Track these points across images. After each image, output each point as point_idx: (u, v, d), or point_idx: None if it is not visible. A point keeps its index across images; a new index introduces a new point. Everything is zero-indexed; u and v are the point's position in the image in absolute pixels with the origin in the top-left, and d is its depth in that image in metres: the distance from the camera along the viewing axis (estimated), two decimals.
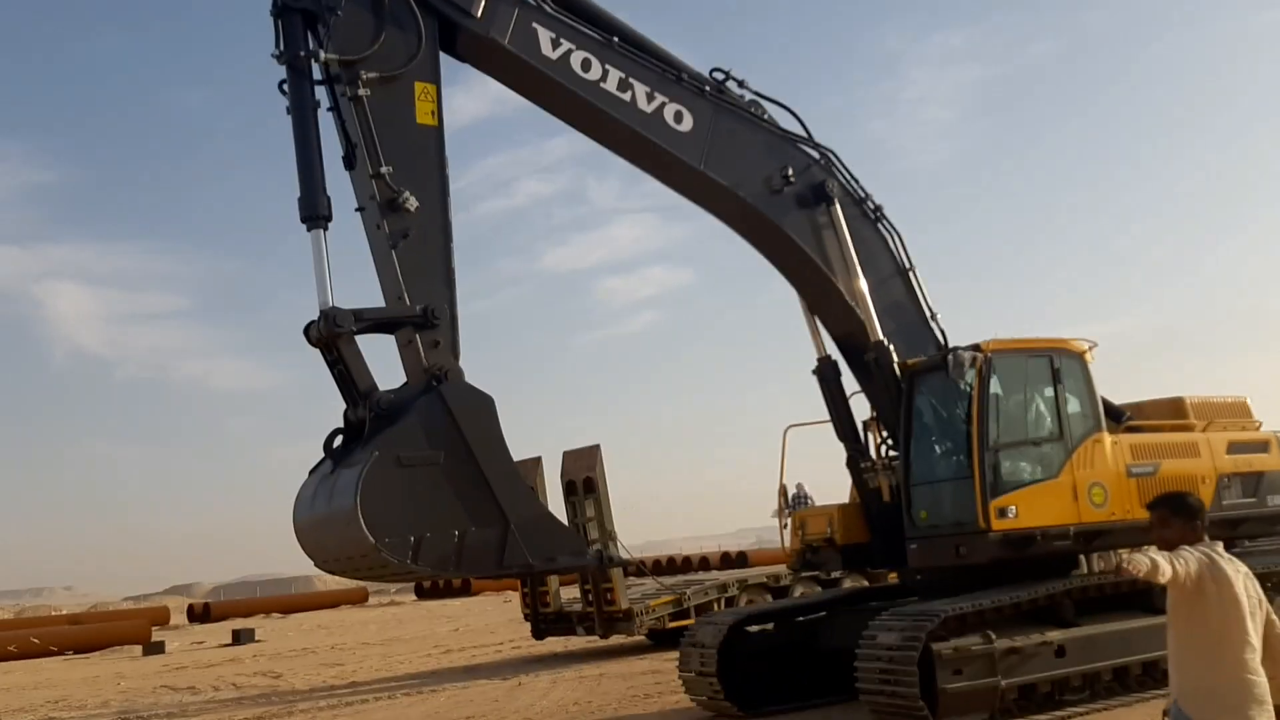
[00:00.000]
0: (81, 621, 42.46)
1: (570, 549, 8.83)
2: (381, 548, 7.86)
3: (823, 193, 11.73)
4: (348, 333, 8.41)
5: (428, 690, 16.83)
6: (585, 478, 17.01)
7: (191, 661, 26.68)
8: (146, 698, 19.24)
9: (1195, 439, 12.11)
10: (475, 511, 8.29)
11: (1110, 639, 10.70)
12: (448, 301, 8.99)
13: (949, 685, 9.59)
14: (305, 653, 26.79)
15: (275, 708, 16.25)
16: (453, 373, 8.72)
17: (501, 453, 8.53)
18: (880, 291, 12.09)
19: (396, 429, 8.24)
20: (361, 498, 7.83)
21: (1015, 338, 11.24)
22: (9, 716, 17.66)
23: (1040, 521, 10.58)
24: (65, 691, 21.29)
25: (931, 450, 11.43)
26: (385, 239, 8.89)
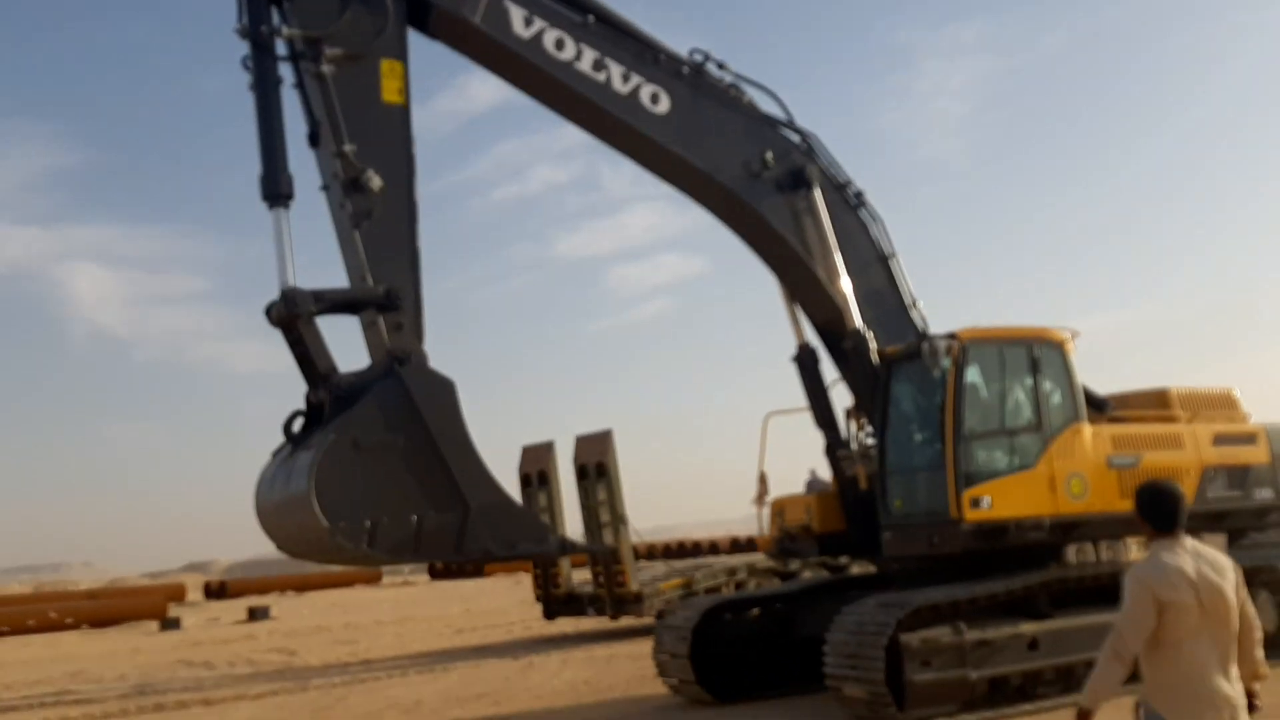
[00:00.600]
0: (99, 597, 42.39)
1: (532, 535, 8.72)
2: (336, 532, 7.78)
3: (802, 178, 11.56)
4: (307, 314, 8.32)
5: (440, 669, 16.95)
6: (597, 462, 17.11)
7: (208, 637, 26.96)
8: (163, 672, 19.43)
9: (1179, 430, 11.93)
10: (434, 496, 8.20)
11: (1084, 632, 10.51)
12: (411, 283, 8.88)
13: (917, 677, 9.47)
14: (320, 630, 27.04)
15: (290, 684, 16.40)
16: (415, 356, 8.61)
17: (462, 437, 8.43)
18: (859, 279, 11.94)
19: (354, 412, 8.15)
20: (316, 481, 7.76)
21: (993, 326, 11.08)
22: (27, 689, 17.81)
23: (1015, 512, 10.44)
24: (82, 665, 21.42)
25: (907, 439, 11.30)
26: (348, 219, 8.79)
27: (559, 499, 17.71)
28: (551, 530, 8.87)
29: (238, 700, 15.00)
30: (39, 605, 36.81)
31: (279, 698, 15.07)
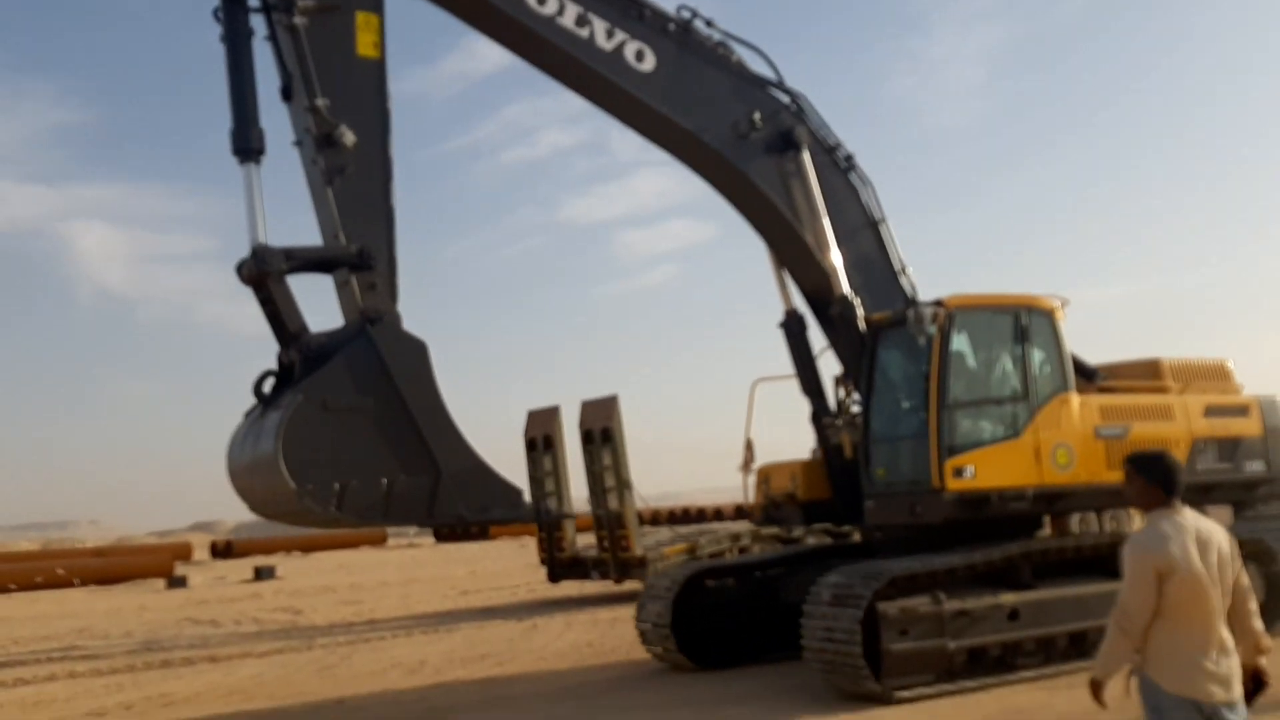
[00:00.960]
0: (106, 555, 42.96)
1: (505, 500, 8.57)
2: (303, 494, 7.71)
3: (791, 140, 11.36)
4: (277, 271, 8.20)
5: (444, 630, 17.06)
6: (602, 428, 17.09)
7: (214, 596, 27.16)
8: (169, 630, 19.53)
9: (1170, 401, 11.77)
10: (405, 460, 8.11)
11: (1066, 603, 10.44)
12: (386, 242, 8.75)
13: (894, 646, 9.37)
14: (325, 591, 27.28)
15: (295, 642, 16.49)
16: (388, 316, 8.49)
17: (434, 400, 8.32)
18: (849, 244, 11.76)
19: (323, 373, 8.04)
20: (283, 443, 7.68)
21: (981, 293, 10.89)
22: (35, 644, 17.92)
23: (999, 482, 10.31)
24: (89, 622, 21.59)
25: (892, 407, 11.15)
26: (320, 175, 8.64)
27: (564, 464, 17.58)
28: (523, 494, 8.63)
29: (244, 658, 15.09)
30: (47, 562, 37.18)
31: (284, 656, 15.16)
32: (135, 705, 11.79)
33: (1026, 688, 10.04)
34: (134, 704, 11.86)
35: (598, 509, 17.20)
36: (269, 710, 11.09)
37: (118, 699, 12.22)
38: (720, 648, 11.71)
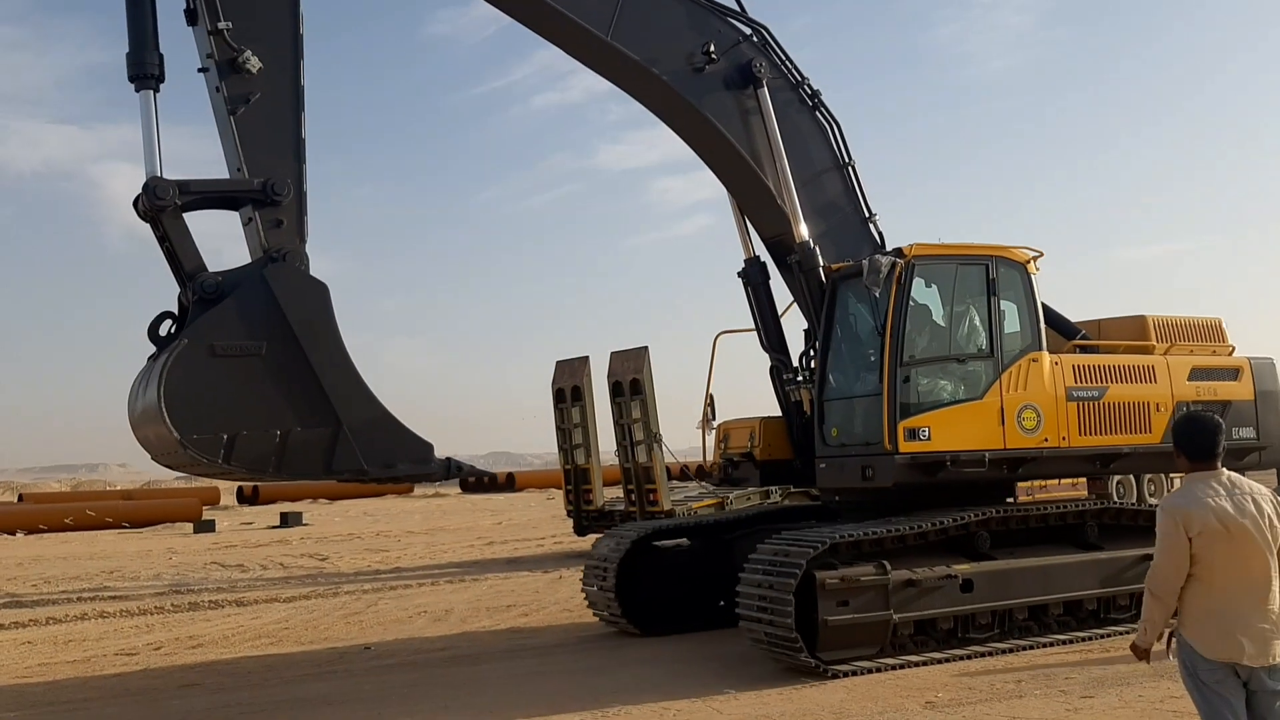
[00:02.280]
0: (135, 498, 43.14)
1: (413, 455, 7.99)
2: (188, 444, 7.23)
3: (750, 74, 10.61)
4: (171, 205, 7.64)
5: (470, 579, 17.08)
6: (631, 379, 16.71)
7: (240, 541, 27.43)
8: (197, 573, 19.82)
9: (1152, 361, 11.03)
10: (301, 409, 7.57)
11: (1026, 574, 9.83)
12: (293, 177, 8.12)
13: (831, 617, 8.79)
14: (351, 538, 27.45)
15: (321, 588, 16.57)
16: (292, 255, 7.92)
17: (333, 347, 7.74)
18: (812, 187, 11.04)
19: (211, 314, 7.52)
20: (165, 391, 7.19)
21: (946, 243, 10.16)
22: (66, 584, 18.26)
23: (957, 445, 9.65)
24: (119, 563, 21.94)
25: (848, 363, 10.47)
26: (224, 104, 8.06)
27: (592, 415, 17.35)
28: (433, 448, 8.08)
29: (270, 602, 15.15)
30: (77, 504, 37.45)
31: (311, 601, 15.21)
32: (164, 646, 11.91)
33: (1060, 650, 9.72)
34: (163, 644, 11.98)
35: (626, 462, 16.83)
36: (296, 654, 11.11)
37: (147, 639, 12.38)
38: (667, 613, 11.17)
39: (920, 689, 8.47)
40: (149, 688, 9.70)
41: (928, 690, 8.43)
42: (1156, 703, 7.74)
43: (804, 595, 8.77)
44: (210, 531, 31.34)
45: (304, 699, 8.99)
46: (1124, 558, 10.36)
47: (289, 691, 9.30)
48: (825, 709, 7.95)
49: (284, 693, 9.26)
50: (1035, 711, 7.69)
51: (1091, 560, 10.24)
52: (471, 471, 8.53)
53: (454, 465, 8.26)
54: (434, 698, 8.82)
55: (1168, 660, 4.71)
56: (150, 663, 10.96)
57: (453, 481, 63.15)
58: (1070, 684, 8.44)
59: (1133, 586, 10.40)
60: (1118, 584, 10.32)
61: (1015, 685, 8.51)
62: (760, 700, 8.27)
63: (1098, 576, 10.24)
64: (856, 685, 8.63)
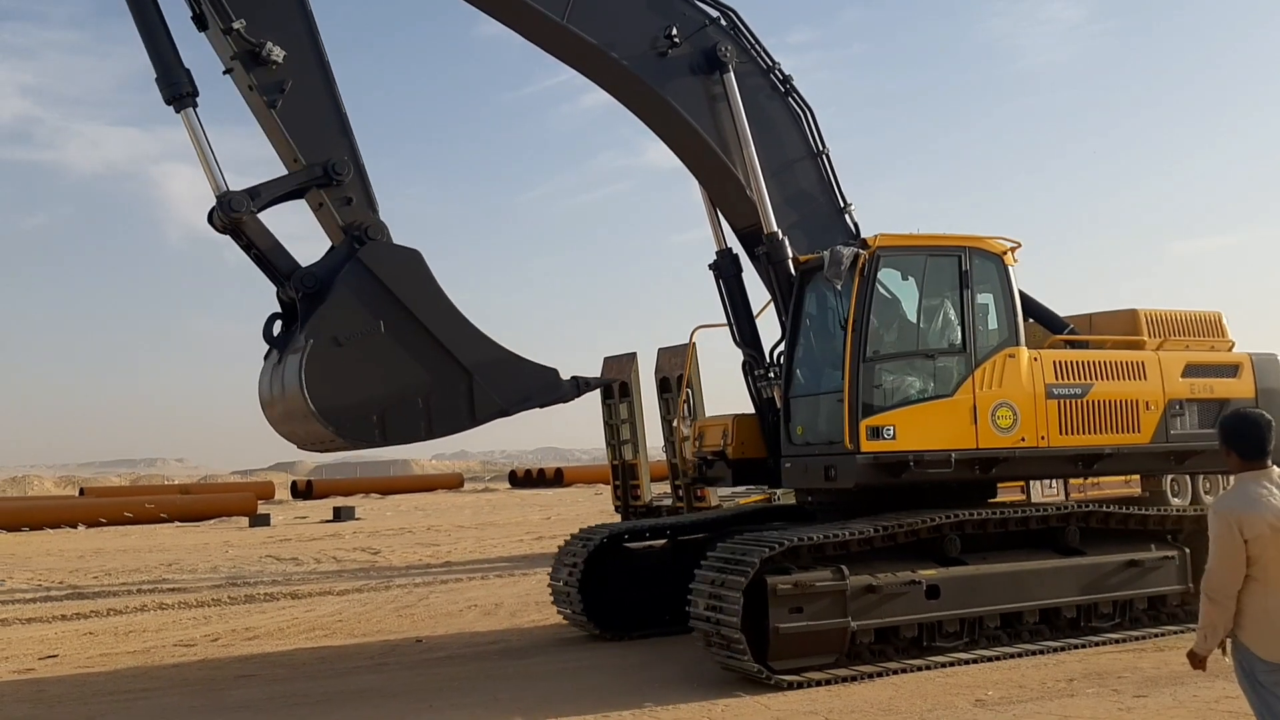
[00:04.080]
0: (192, 492, 44.86)
1: (541, 383, 8.35)
2: (344, 434, 7.65)
3: (715, 59, 10.23)
4: (248, 214, 7.90)
5: (519, 574, 17.14)
6: (679, 375, 16.56)
7: (295, 534, 28.11)
8: (253, 565, 20.24)
9: (1142, 358, 10.49)
10: (433, 372, 7.99)
11: (998, 580, 9.38)
12: (348, 152, 8.29)
13: (783, 624, 8.41)
14: (402, 532, 27.85)
15: (374, 581, 16.84)
16: (373, 228, 8.17)
17: (442, 305, 8.10)
18: (784, 176, 10.65)
19: (325, 308, 7.81)
20: (308, 390, 7.55)
21: (916, 234, 9.71)
22: (126, 576, 18.74)
23: (925, 445, 9.20)
24: (177, 556, 22.53)
25: (815, 358, 10.07)
26: (260, 100, 8.13)
27: (640, 411, 17.41)
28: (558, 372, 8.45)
29: (324, 595, 15.38)
30: (136, 498, 38.95)
31: (363, 594, 15.40)
32: (221, 637, 12.09)
33: (1112, 649, 9.51)
34: (220, 636, 12.17)
35: (673, 457, 16.51)
36: (349, 646, 11.17)
37: (204, 631, 12.59)
38: (633, 615, 10.83)
39: (970, 686, 8.31)
40: (207, 678, 9.84)
41: (977, 688, 8.25)
42: (1211, 703, 7.47)
43: (758, 600, 8.40)
44: (265, 525, 32.14)
45: (358, 690, 9.05)
46: (1107, 563, 9.88)
47: (343, 683, 9.38)
48: (873, 705, 7.85)
49: (338, 684, 9.34)
50: (1087, 711, 7.48)
51: (1071, 566, 9.76)
52: (598, 383, 8.88)
53: (582, 383, 8.54)
54: (484, 690, 8.85)
55: (1224, 661, 4.60)
56: (208, 653, 11.14)
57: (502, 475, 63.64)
58: (1123, 683, 8.25)
59: (1116, 594, 9.94)
60: (1099, 591, 9.84)
61: (1067, 684, 8.27)
62: (808, 697, 8.13)
63: (1078, 583, 9.76)
64: (904, 682, 8.48)
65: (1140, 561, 9.98)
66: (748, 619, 8.35)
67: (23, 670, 10.49)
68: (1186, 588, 10.23)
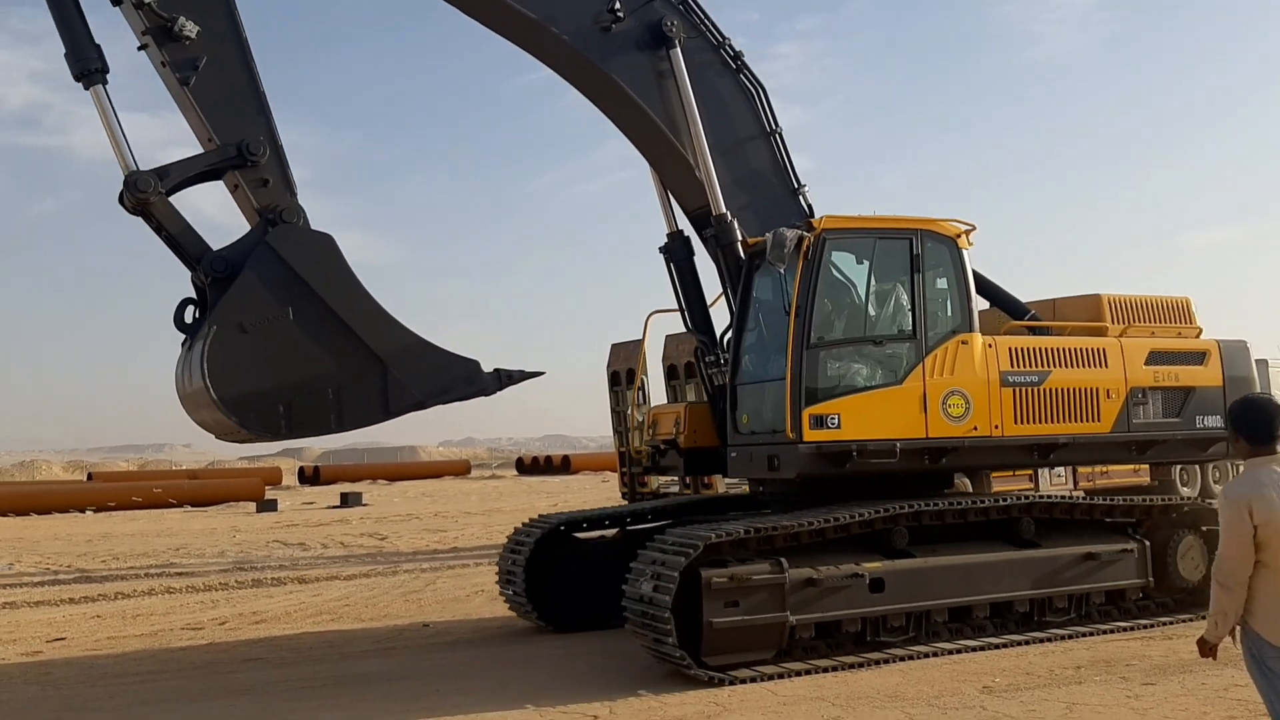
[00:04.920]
0: (200, 477, 44.78)
1: (461, 375, 8.07)
2: (247, 425, 7.38)
3: (661, 33, 9.90)
4: (155, 194, 7.59)
5: None
6: (686, 362, 16.33)
7: (302, 520, 28.24)
8: (260, 550, 20.30)
9: (1103, 344, 10.16)
10: (344, 361, 7.70)
11: (946, 574, 9.08)
12: (265, 132, 8.00)
13: (717, 619, 8.11)
14: (409, 518, 27.91)
15: (381, 567, 16.89)
16: (288, 211, 7.88)
17: (354, 291, 7.81)
18: (735, 156, 10.33)
19: (230, 294, 7.54)
20: (210, 379, 7.29)
21: (864, 215, 9.39)
22: (134, 560, 18.79)
23: (871, 434, 8.89)
24: (185, 540, 22.65)
25: (761, 344, 9.75)
26: (174, 76, 7.85)
27: (648, 398, 17.08)
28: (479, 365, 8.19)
29: (331, 580, 15.42)
30: (144, 483, 39.08)
31: (370, 579, 15.42)
32: (229, 621, 12.11)
33: (1120, 637, 9.41)
34: (227, 619, 12.18)
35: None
36: (356, 630, 11.15)
37: (212, 614, 12.60)
38: (580, 607, 10.54)
39: (977, 673, 8.22)
40: (214, 661, 9.84)
41: (985, 675, 8.16)
42: (1220, 691, 7.40)
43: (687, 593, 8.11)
44: (273, 511, 32.35)
45: (364, 674, 9.01)
46: (1062, 556, 9.57)
47: (349, 667, 9.34)
48: (880, 691, 7.76)
49: (345, 668, 9.30)
50: (1095, 698, 7.40)
51: (1025, 559, 9.46)
52: (522, 376, 8.40)
53: (504, 375, 8.24)
54: (491, 674, 8.80)
55: (1234, 649, 4.56)
56: (215, 637, 11.14)
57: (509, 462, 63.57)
58: (1131, 670, 8.15)
59: (1071, 587, 9.64)
60: (1054, 584, 9.54)
61: (1074, 671, 8.18)
62: (815, 683, 8.04)
63: (1031, 576, 9.46)
64: (912, 669, 8.40)
65: (1098, 554, 9.67)
66: (685, 613, 8.09)
67: (31, 653, 10.54)
68: (1146, 581, 9.94)
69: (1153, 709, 7.10)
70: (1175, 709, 7.07)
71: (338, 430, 7.76)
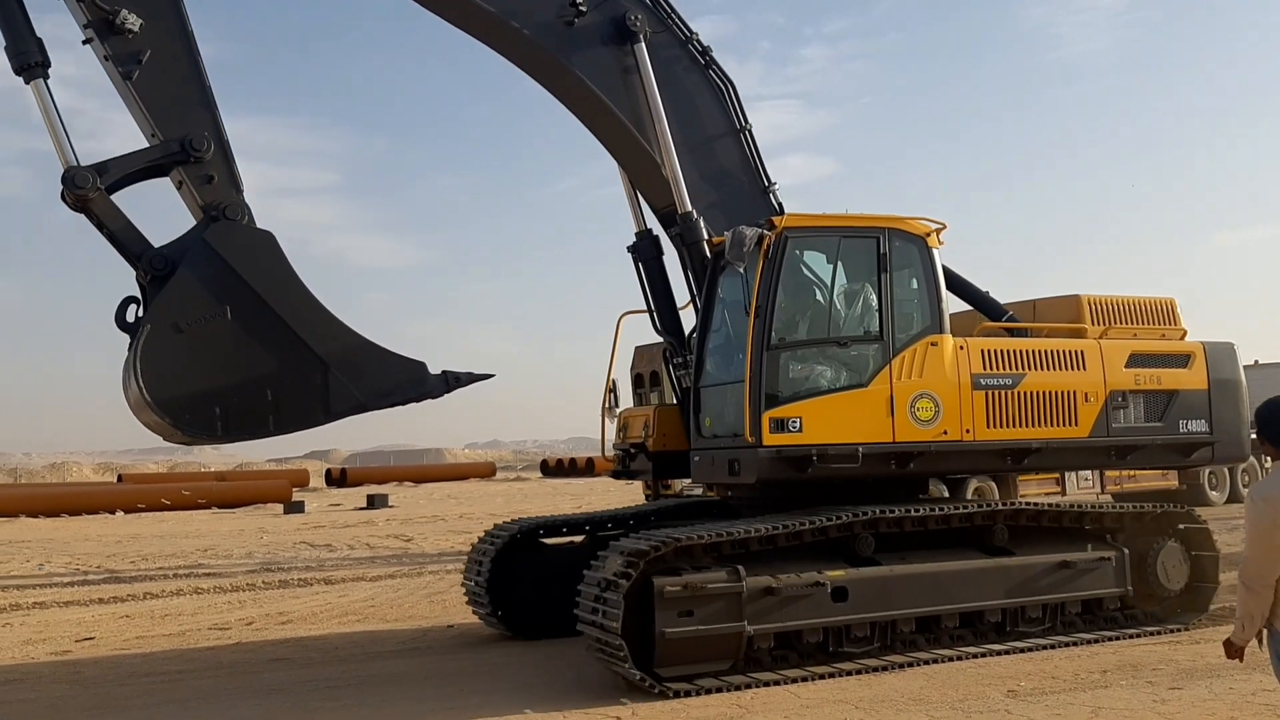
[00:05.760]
0: (228, 479, 45.20)
1: (406, 377, 7.85)
2: (181, 427, 7.19)
3: (625, 28, 9.68)
4: (94, 191, 7.41)
5: None
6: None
7: (329, 521, 28.44)
8: (287, 552, 20.46)
9: (1081, 346, 9.87)
10: (283, 362, 7.49)
11: (913, 582, 8.81)
12: (211, 127, 7.80)
13: (670, 629, 7.87)
14: (435, 520, 28.03)
15: (406, 568, 17.00)
16: (231, 208, 7.67)
17: (295, 290, 7.61)
18: (703, 153, 10.10)
19: (166, 292, 7.35)
20: (143, 380, 7.11)
21: (829, 213, 9.14)
22: (163, 560, 18.99)
23: (834, 438, 8.64)
24: (213, 542, 22.82)
25: (725, 346, 9.51)
26: (117, 70, 7.68)
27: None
28: (426, 366, 7.99)
29: (357, 581, 15.47)
30: (173, 485, 39.28)
31: (396, 580, 15.51)
32: (255, 621, 12.18)
33: (1146, 641, 9.32)
34: (254, 620, 12.26)
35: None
36: (382, 631, 11.17)
37: (239, 615, 12.69)
38: (544, 615, 10.31)
39: (1002, 677, 8.16)
40: (241, 661, 9.86)
41: (1010, 679, 8.10)
42: (1249, 695, 7.29)
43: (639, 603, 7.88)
44: (300, 512, 32.56)
45: (390, 675, 9.02)
46: (1036, 564, 9.29)
47: (375, 667, 9.36)
48: (904, 695, 7.71)
49: (370, 668, 9.31)
50: (1120, 702, 7.33)
51: (996, 567, 9.18)
52: (470, 378, 8.19)
53: (452, 378, 8.04)
54: (516, 675, 8.79)
55: (1261, 652, 4.52)
56: (242, 637, 11.18)
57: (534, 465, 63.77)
58: (1158, 675, 8.06)
59: (1046, 596, 9.35)
60: (1028, 593, 9.27)
61: (1100, 675, 8.11)
62: (838, 686, 8.00)
63: (1003, 585, 9.18)
64: (936, 672, 8.35)
65: (1073, 563, 9.38)
66: (641, 623, 7.86)
67: (60, 652, 10.61)
68: (1125, 590, 9.64)
69: (1179, 714, 6.98)
70: (1203, 714, 6.95)
71: (276, 433, 7.56)
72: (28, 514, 31.42)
